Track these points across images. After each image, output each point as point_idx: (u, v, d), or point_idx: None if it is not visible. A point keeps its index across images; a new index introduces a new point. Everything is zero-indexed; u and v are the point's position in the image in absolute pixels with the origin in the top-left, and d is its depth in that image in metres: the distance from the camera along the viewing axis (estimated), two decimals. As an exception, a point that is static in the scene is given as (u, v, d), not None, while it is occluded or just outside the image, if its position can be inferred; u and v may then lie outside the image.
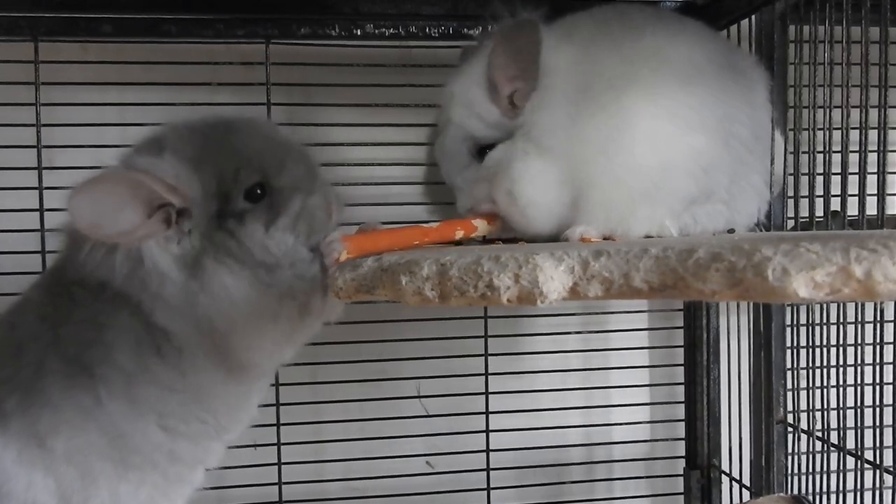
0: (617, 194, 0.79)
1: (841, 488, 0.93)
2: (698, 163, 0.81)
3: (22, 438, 0.67)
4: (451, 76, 0.88)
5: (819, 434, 0.94)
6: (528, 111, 0.81)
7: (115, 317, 0.69)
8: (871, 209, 0.83)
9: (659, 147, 0.79)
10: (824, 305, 0.91)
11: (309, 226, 0.70)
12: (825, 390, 0.93)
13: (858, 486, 0.91)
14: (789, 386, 0.98)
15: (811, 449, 0.96)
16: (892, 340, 0.93)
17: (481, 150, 0.85)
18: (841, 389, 0.90)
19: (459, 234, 0.81)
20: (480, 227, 0.84)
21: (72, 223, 0.71)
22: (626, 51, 0.81)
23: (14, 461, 0.67)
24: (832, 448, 0.93)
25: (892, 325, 0.95)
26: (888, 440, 0.89)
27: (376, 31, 1.02)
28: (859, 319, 0.90)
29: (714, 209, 0.85)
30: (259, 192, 0.69)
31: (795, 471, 0.99)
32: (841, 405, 0.91)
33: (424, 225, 0.79)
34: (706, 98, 0.81)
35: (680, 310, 1.17)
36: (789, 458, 0.99)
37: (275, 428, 1.04)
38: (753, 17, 0.98)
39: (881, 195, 0.83)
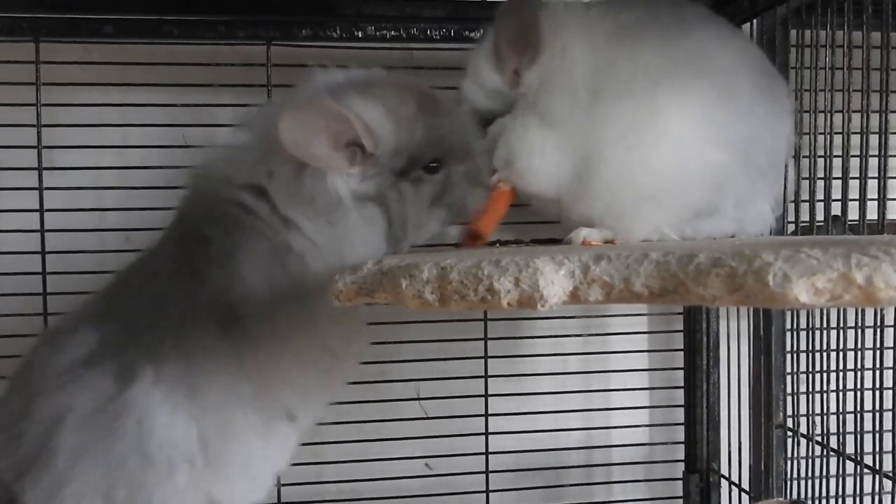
0: (626, 185, 0.79)
1: (840, 493, 0.93)
2: (712, 178, 0.80)
3: (175, 384, 0.70)
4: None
5: (818, 438, 0.94)
6: (533, 81, 0.82)
7: (251, 248, 0.72)
8: (872, 214, 0.83)
9: (680, 152, 0.78)
10: (824, 310, 0.91)
11: (464, 212, 0.79)
12: (825, 395, 0.92)
13: (858, 491, 0.91)
14: (789, 390, 0.98)
15: (811, 453, 0.96)
16: (892, 345, 0.93)
17: (486, 123, 0.86)
18: (841, 394, 0.90)
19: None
20: None
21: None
22: (671, 44, 0.80)
23: (162, 402, 0.69)
24: (832, 453, 0.93)
25: (892, 329, 0.95)
26: (888, 445, 0.89)
27: (378, 34, 1.02)
28: (859, 324, 0.90)
29: (719, 224, 0.84)
30: (436, 166, 0.76)
31: (795, 475, 0.98)
32: (841, 410, 0.91)
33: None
34: (736, 116, 0.80)
35: (680, 313, 1.17)
36: (789, 462, 0.99)
37: (274, 429, 1.04)
38: (755, 21, 0.98)
39: (882, 200, 0.83)
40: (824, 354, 0.92)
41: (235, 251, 0.72)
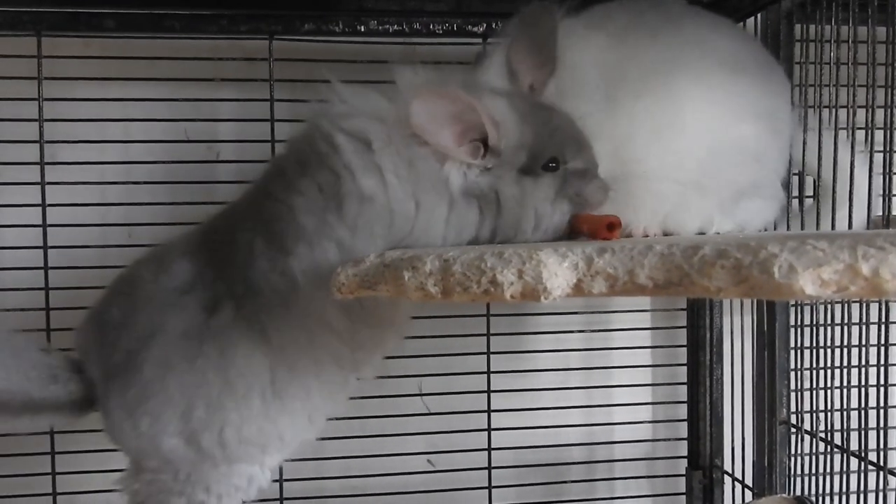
0: (668, 181, 0.78)
1: (844, 490, 0.92)
2: (748, 151, 0.80)
3: (250, 324, 0.73)
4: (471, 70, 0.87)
5: (822, 435, 0.94)
6: (551, 95, 0.80)
7: (316, 179, 0.72)
8: (877, 210, 0.83)
9: (710, 132, 0.78)
10: (829, 306, 0.91)
11: (585, 205, 0.77)
12: (829, 391, 0.92)
13: (862, 488, 0.91)
14: (793, 387, 0.98)
15: (814, 450, 0.96)
16: (896, 342, 0.93)
17: None
18: (845, 391, 0.90)
19: None
20: None
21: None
22: (668, 39, 0.80)
23: (241, 336, 0.74)
24: (835, 449, 0.92)
25: (896, 326, 0.95)
26: (892, 442, 0.89)
27: (380, 28, 1.02)
28: (864, 320, 0.89)
29: (764, 204, 0.84)
30: (554, 165, 0.75)
31: (798, 472, 0.98)
32: (844, 406, 0.90)
33: None
34: (753, 88, 0.80)
35: (683, 309, 1.17)
36: (792, 458, 0.99)
37: (276, 425, 1.04)
38: (759, 15, 0.97)
39: (887, 195, 0.82)
40: (828, 351, 0.91)
41: (298, 182, 0.72)
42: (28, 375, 0.77)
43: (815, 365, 0.93)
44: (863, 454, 0.89)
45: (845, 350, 0.89)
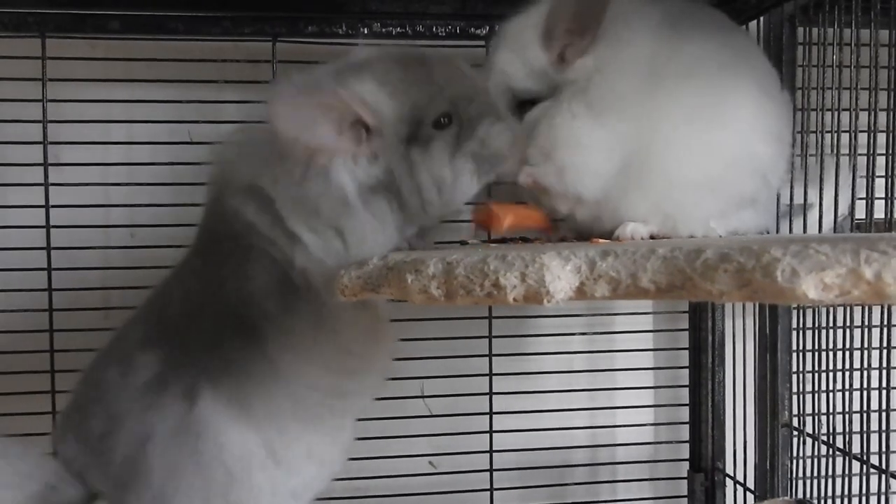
0: (688, 171, 0.77)
1: (846, 493, 0.92)
2: (760, 170, 0.80)
3: (231, 401, 0.73)
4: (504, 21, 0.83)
5: (824, 438, 0.94)
6: (587, 67, 0.77)
7: (259, 263, 0.72)
8: (879, 213, 0.83)
9: (738, 142, 0.77)
10: (831, 309, 0.91)
11: (492, 154, 0.72)
12: (831, 394, 0.92)
13: (863, 491, 0.91)
14: (795, 389, 0.98)
15: (816, 453, 0.95)
16: (898, 345, 0.93)
17: (521, 105, 0.79)
18: (847, 393, 0.90)
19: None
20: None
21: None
22: (721, 39, 0.80)
23: (228, 418, 0.73)
24: (837, 452, 0.92)
25: (899, 328, 0.95)
26: (894, 445, 0.89)
27: (383, 30, 1.02)
28: (866, 323, 0.89)
29: (756, 216, 0.84)
30: (446, 120, 0.71)
31: (800, 475, 0.98)
32: (847, 409, 0.90)
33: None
34: (778, 113, 0.81)
35: (685, 312, 1.17)
36: (794, 461, 0.99)
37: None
38: (762, 18, 0.97)
39: (890, 198, 0.82)
40: (830, 353, 0.91)
41: (244, 268, 0.72)
42: (26, 489, 0.75)
43: (817, 368, 0.93)
44: (865, 457, 0.89)
45: (847, 353, 0.89)
